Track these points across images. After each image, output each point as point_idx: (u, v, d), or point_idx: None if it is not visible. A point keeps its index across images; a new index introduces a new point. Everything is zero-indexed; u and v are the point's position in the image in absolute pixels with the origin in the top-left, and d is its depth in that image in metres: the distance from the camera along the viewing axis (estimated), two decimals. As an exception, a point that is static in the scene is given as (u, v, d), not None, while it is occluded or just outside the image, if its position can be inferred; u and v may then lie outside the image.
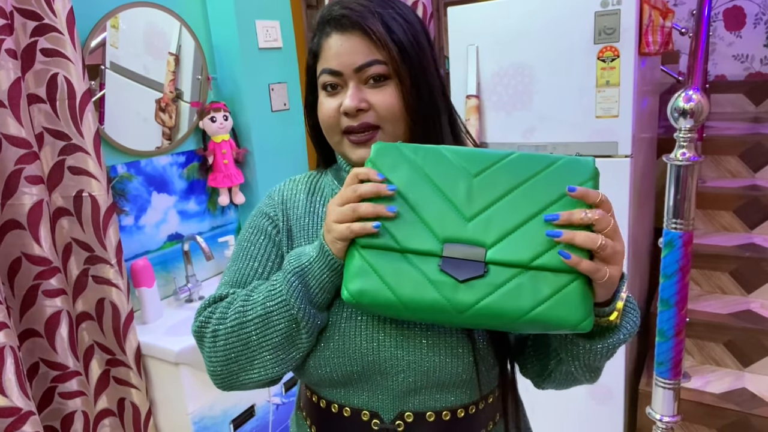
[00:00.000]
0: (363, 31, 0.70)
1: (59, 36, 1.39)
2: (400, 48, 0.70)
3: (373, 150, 0.65)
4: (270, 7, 2.02)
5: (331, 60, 0.72)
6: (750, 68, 3.28)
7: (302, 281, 0.67)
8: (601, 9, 1.70)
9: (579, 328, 0.57)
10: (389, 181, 0.63)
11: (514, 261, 0.58)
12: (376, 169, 0.64)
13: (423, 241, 0.60)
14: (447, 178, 0.62)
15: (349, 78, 0.71)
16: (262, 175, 2.05)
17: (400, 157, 0.64)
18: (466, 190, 0.61)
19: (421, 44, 0.73)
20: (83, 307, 1.54)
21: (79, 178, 1.46)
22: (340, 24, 0.72)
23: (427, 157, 0.63)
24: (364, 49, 0.70)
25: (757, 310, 2.02)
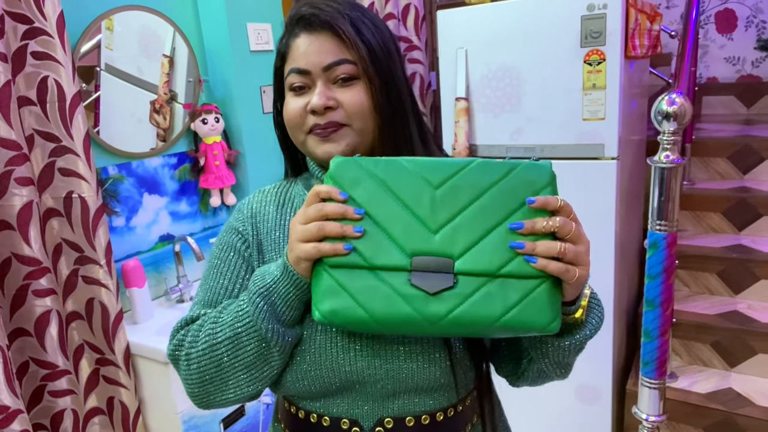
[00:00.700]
0: (332, 31, 0.70)
1: (49, 39, 1.40)
2: (369, 49, 0.70)
3: (332, 165, 0.63)
4: (261, 10, 2.04)
5: (299, 59, 0.71)
6: (742, 70, 3.30)
7: (268, 301, 0.65)
8: (587, 13, 1.72)
9: (548, 330, 0.59)
10: (353, 200, 0.62)
11: (482, 270, 0.60)
12: (337, 186, 0.62)
13: (391, 256, 0.61)
14: (409, 190, 0.61)
15: (318, 77, 0.71)
16: (254, 177, 2.07)
17: (360, 171, 0.63)
18: (429, 202, 0.61)
19: (390, 49, 0.73)
20: (73, 306, 1.56)
21: (69, 179, 1.48)
22: (309, 23, 0.71)
23: (388, 169, 0.62)
24: (333, 48, 0.70)
25: (744, 310, 2.04)
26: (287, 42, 0.74)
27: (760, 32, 3.20)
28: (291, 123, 0.74)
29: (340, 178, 0.63)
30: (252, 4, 2.00)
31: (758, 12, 3.20)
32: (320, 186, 0.63)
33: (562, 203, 0.60)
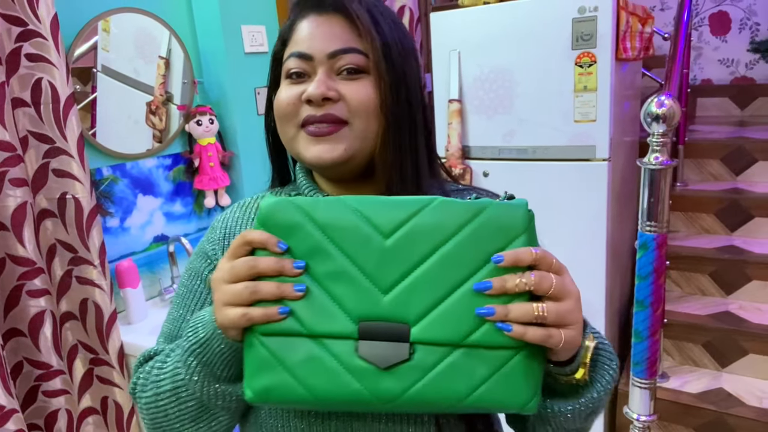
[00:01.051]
0: (345, 15, 0.62)
1: (43, 41, 1.42)
2: (384, 42, 0.61)
3: (263, 207, 0.53)
4: (256, 13, 2.05)
5: (302, 42, 0.62)
6: (735, 72, 3.32)
7: (201, 361, 0.56)
8: (578, 15, 1.73)
9: (525, 409, 0.50)
10: (290, 251, 0.52)
11: (444, 339, 0.50)
12: (271, 233, 0.52)
13: (334, 321, 0.51)
14: (355, 239, 0.51)
15: (320, 64, 0.62)
16: (248, 178, 2.08)
17: (297, 215, 0.52)
18: (378, 253, 0.51)
19: (407, 48, 0.65)
20: (67, 307, 1.57)
21: (63, 180, 1.49)
22: (319, 3, 0.63)
23: (329, 212, 0.52)
24: (343, 34, 0.61)
25: (735, 311, 2.05)
26: (291, 24, 0.66)
27: (754, 34, 3.22)
28: (281, 112, 0.64)
29: (274, 223, 0.52)
30: (246, 7, 2.01)
31: (752, 14, 3.22)
32: (251, 232, 0.52)
33: (538, 255, 0.49)
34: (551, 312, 0.48)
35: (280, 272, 0.51)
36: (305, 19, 0.64)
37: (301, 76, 0.63)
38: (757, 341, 1.90)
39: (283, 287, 0.51)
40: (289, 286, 0.51)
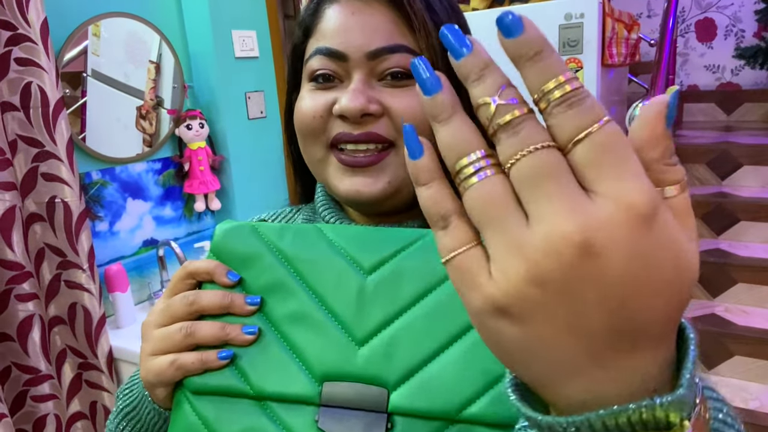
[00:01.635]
0: (392, 1, 0.47)
1: (33, 46, 1.42)
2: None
3: (217, 234, 0.44)
4: (246, 17, 2.06)
5: (332, 36, 0.48)
6: (721, 78, 3.37)
7: (135, 428, 0.47)
8: (564, 22, 1.76)
9: None
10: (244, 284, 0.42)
11: (432, 411, 0.37)
12: (223, 263, 0.43)
13: (291, 380, 0.39)
14: (328, 275, 0.41)
15: (356, 66, 0.47)
16: (239, 182, 2.08)
17: (258, 243, 0.43)
18: (356, 295, 0.40)
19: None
20: (55, 311, 1.56)
21: (52, 184, 1.49)
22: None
23: (299, 242, 0.42)
24: (387, 26, 0.47)
25: (721, 313, 2.08)
26: (317, 8, 0.51)
27: (739, 41, 3.27)
28: (304, 127, 0.50)
29: (229, 252, 0.43)
30: (237, 12, 2.02)
31: (737, 21, 3.27)
32: (195, 262, 0.43)
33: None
34: None
35: (227, 309, 0.41)
36: (336, 4, 0.49)
37: (329, 80, 0.49)
38: (742, 344, 1.93)
39: (228, 328, 0.40)
40: (236, 326, 0.40)
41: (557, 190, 0.21)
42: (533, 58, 0.23)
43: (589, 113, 0.21)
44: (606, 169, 0.21)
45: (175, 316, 0.41)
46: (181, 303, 0.41)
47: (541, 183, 0.21)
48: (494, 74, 0.24)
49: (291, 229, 0.44)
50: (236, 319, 0.41)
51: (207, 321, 0.41)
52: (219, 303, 0.41)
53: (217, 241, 0.44)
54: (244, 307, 0.41)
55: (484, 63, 0.24)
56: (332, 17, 0.49)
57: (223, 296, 0.41)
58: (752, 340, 1.91)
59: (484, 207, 0.22)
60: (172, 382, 0.41)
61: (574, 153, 0.21)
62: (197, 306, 0.41)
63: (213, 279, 0.42)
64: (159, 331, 0.42)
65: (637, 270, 0.20)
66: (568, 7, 1.74)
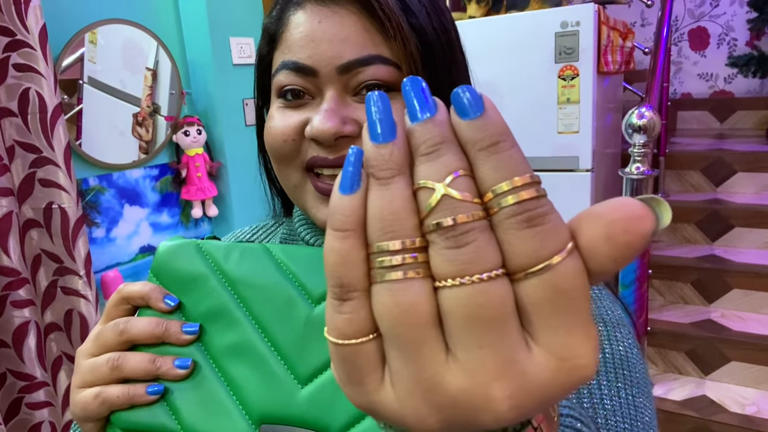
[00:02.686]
0: (362, 5, 0.42)
1: (31, 52, 1.42)
2: (423, 40, 0.43)
3: (158, 253, 0.41)
4: (244, 25, 2.07)
5: (300, 48, 0.43)
6: (714, 86, 3.40)
7: None
8: (560, 30, 1.77)
9: None
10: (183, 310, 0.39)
11: None
12: (161, 286, 0.40)
13: (224, 419, 0.36)
14: (274, 304, 0.37)
15: (328, 82, 0.43)
16: (236, 188, 2.08)
17: (201, 264, 0.39)
18: (302, 326, 0.36)
19: (451, 40, 0.47)
20: (52, 317, 1.55)
21: (49, 190, 1.49)
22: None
23: (246, 264, 0.39)
24: (359, 35, 0.43)
25: (717, 319, 2.09)
26: (280, 15, 0.46)
27: (732, 49, 3.31)
28: (275, 152, 0.46)
29: (170, 273, 0.40)
30: (235, 19, 2.03)
31: (729, 30, 3.31)
32: (130, 285, 0.39)
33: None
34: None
35: (161, 338, 0.37)
36: (301, 10, 0.44)
37: (299, 96, 0.44)
38: (738, 349, 1.94)
39: (159, 361, 0.36)
40: (168, 359, 0.37)
41: (495, 342, 0.17)
42: (489, 148, 0.18)
43: (552, 238, 0.18)
44: (557, 317, 0.17)
45: (105, 346, 0.38)
46: (112, 331, 0.37)
47: (479, 329, 0.17)
48: (451, 154, 0.19)
49: (238, 249, 0.39)
50: (172, 349, 0.38)
51: (137, 352, 0.37)
52: (151, 332, 0.37)
53: (158, 259, 0.40)
54: (180, 336, 0.37)
55: (442, 136, 0.19)
56: (298, 26, 0.44)
57: (157, 324, 0.37)
58: (748, 346, 1.92)
59: (398, 320, 0.18)
60: (99, 418, 0.37)
61: (524, 286, 0.18)
62: (128, 335, 0.37)
63: (149, 304, 0.38)
64: (88, 361, 0.38)
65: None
66: (564, 15, 1.76)
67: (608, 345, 0.47)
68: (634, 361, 0.47)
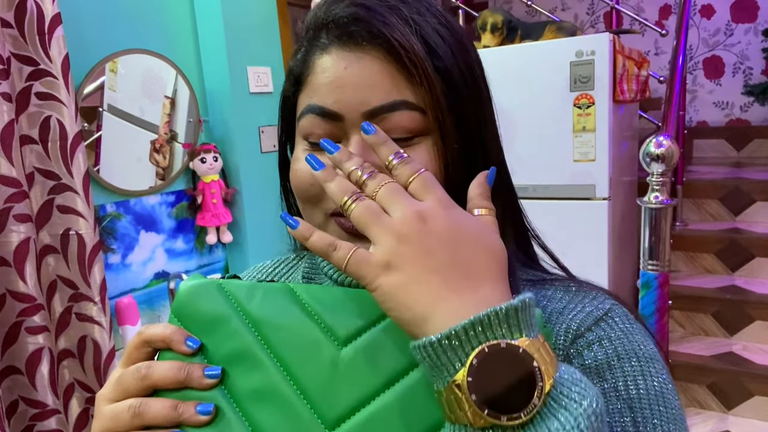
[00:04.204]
0: (387, 48, 0.42)
1: (54, 81, 1.45)
2: (449, 83, 0.43)
3: (179, 294, 0.40)
4: (261, 55, 2.10)
5: (326, 93, 0.44)
6: (731, 115, 3.38)
7: None
8: (576, 59, 1.78)
9: None
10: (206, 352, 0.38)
11: None
12: (184, 328, 0.39)
13: None
14: (299, 345, 0.36)
15: (354, 126, 0.43)
16: (250, 214, 2.09)
17: (223, 304, 0.39)
18: (328, 369, 0.35)
19: (476, 78, 0.47)
20: (65, 344, 1.55)
21: (67, 216, 1.50)
22: (346, 32, 0.43)
23: (269, 304, 0.38)
24: (385, 81, 0.42)
25: (739, 352, 2.03)
26: (306, 57, 0.46)
27: (747, 78, 3.30)
28: (301, 194, 0.47)
29: (192, 314, 0.39)
30: (252, 48, 2.06)
31: (744, 59, 3.30)
32: (151, 327, 0.39)
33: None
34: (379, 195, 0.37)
35: (183, 384, 0.37)
36: (327, 55, 0.44)
37: None
38: (762, 383, 1.88)
39: (182, 407, 0.36)
40: (190, 405, 0.36)
41: (401, 197, 0.36)
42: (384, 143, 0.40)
43: (415, 167, 0.38)
44: (426, 188, 0.37)
45: (126, 391, 0.37)
46: (133, 377, 0.37)
47: (394, 195, 0.36)
48: (354, 157, 0.40)
49: (260, 289, 0.39)
50: (194, 393, 0.37)
51: (159, 398, 0.37)
52: (174, 377, 0.37)
53: (180, 300, 0.39)
54: (202, 380, 0.37)
55: (347, 153, 0.40)
56: (324, 70, 0.44)
57: (179, 369, 0.37)
58: (773, 380, 1.86)
59: (366, 214, 0.35)
60: None
61: (410, 185, 0.37)
62: (150, 381, 0.37)
63: (170, 347, 0.38)
64: (108, 408, 0.37)
65: (454, 231, 0.35)
66: (579, 45, 1.76)
67: (642, 380, 0.45)
68: (670, 396, 0.45)
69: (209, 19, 1.97)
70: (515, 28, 1.99)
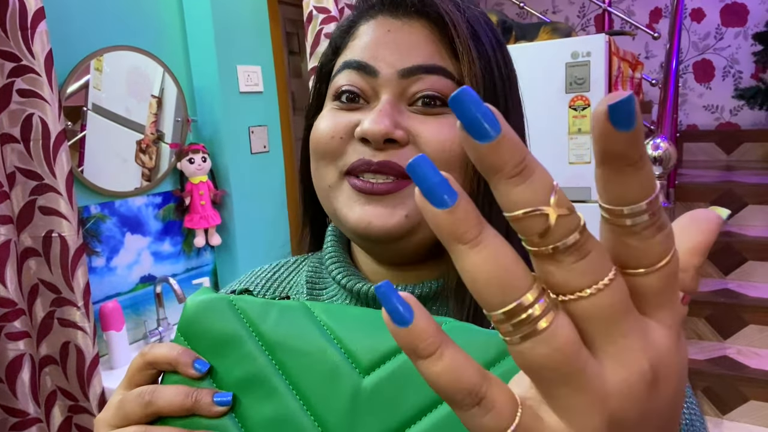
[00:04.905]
0: (435, 20, 0.42)
1: (36, 77, 1.39)
2: (487, 64, 0.43)
3: (187, 309, 0.36)
4: (252, 53, 2.06)
5: (364, 50, 0.43)
6: (720, 118, 3.39)
7: None
8: (571, 60, 1.76)
9: None
10: (215, 375, 0.35)
11: None
12: (191, 348, 0.35)
13: None
14: (318, 373, 0.33)
15: (386, 85, 0.42)
16: (240, 217, 2.04)
17: (235, 323, 0.35)
18: (349, 400, 0.32)
19: (512, 79, 0.48)
20: (47, 350, 1.49)
21: (49, 218, 1.44)
22: (398, 3, 0.43)
23: (285, 325, 0.34)
24: (427, 46, 0.42)
25: (733, 356, 2.02)
26: (350, 26, 0.46)
27: (737, 82, 3.31)
28: (319, 148, 0.44)
29: (201, 333, 0.36)
30: (242, 47, 2.02)
31: (734, 63, 3.31)
32: (156, 348, 0.35)
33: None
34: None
35: (191, 410, 0.33)
36: (372, 20, 0.44)
37: (354, 100, 0.43)
38: (757, 387, 1.87)
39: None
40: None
41: (632, 326, 0.19)
42: (637, 164, 0.18)
43: (669, 240, 0.19)
44: (668, 295, 0.19)
45: (128, 418, 0.34)
46: (136, 403, 0.34)
47: (619, 321, 0.18)
48: (540, 170, 0.18)
49: (276, 307, 0.35)
50: (203, 421, 0.34)
51: (164, 428, 0.34)
52: (180, 404, 0.33)
53: (187, 317, 0.36)
54: (211, 408, 0.33)
55: (521, 152, 0.17)
56: (366, 32, 0.44)
57: (186, 396, 0.33)
58: (767, 384, 1.85)
59: (558, 364, 0.18)
60: None
61: (645, 280, 0.19)
62: (154, 407, 0.34)
63: (176, 370, 0.35)
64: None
65: (681, 388, 0.20)
66: (574, 46, 1.74)
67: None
68: (700, 428, 0.43)
69: (198, 15, 1.93)
70: (510, 28, 1.97)
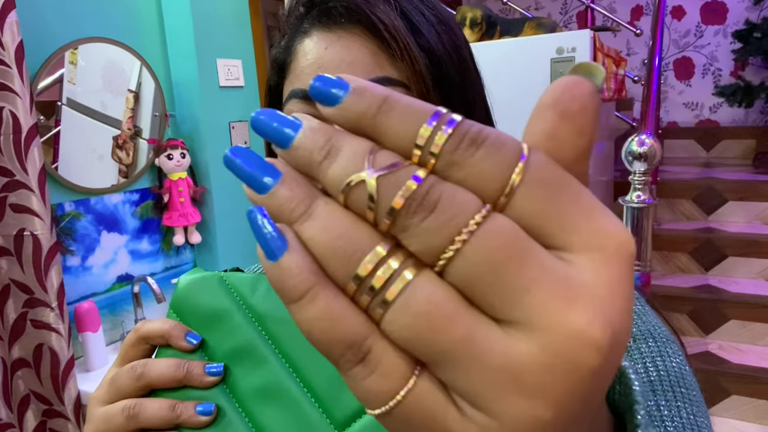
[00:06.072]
0: (368, 27, 0.41)
1: (6, 69, 1.34)
2: (433, 60, 0.42)
3: (179, 288, 0.37)
4: (232, 47, 2.01)
5: (308, 75, 0.43)
6: (700, 115, 3.43)
7: None
8: (556, 56, 1.75)
9: None
10: (206, 349, 0.35)
11: None
12: (183, 323, 0.36)
13: None
14: (303, 341, 0.30)
15: None
16: (220, 214, 2.00)
17: (225, 298, 0.36)
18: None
19: (464, 59, 0.45)
20: (20, 353, 1.44)
21: (21, 216, 1.39)
22: (327, 14, 0.43)
23: (274, 297, 0.34)
24: (366, 59, 0.41)
25: (715, 351, 2.04)
26: (289, 44, 0.46)
27: (717, 79, 3.35)
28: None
29: (192, 309, 0.36)
30: (222, 40, 1.97)
31: (714, 60, 3.35)
32: (149, 323, 0.36)
33: None
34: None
35: (182, 382, 0.34)
36: (308, 38, 0.43)
37: None
38: (739, 382, 1.89)
39: (179, 407, 0.33)
40: (189, 405, 0.33)
41: (535, 272, 0.14)
42: (382, 108, 0.16)
43: (505, 146, 0.16)
44: (567, 212, 0.15)
45: (121, 392, 0.34)
46: (128, 376, 0.34)
47: (511, 271, 0.14)
48: (347, 139, 0.16)
49: (265, 281, 0.35)
50: (194, 392, 0.34)
51: (156, 398, 0.34)
52: (172, 375, 0.33)
53: (179, 294, 0.37)
54: (203, 378, 0.34)
55: (324, 134, 0.16)
56: (305, 54, 0.43)
57: (177, 367, 0.34)
58: (749, 379, 1.87)
59: (434, 329, 0.14)
60: None
61: (514, 205, 0.15)
62: (146, 380, 0.34)
63: (169, 343, 0.35)
64: (101, 410, 0.34)
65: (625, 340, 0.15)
66: (559, 41, 1.73)
67: (661, 361, 0.43)
68: (689, 378, 0.43)
69: (177, 7, 1.88)
70: (494, 23, 1.96)
